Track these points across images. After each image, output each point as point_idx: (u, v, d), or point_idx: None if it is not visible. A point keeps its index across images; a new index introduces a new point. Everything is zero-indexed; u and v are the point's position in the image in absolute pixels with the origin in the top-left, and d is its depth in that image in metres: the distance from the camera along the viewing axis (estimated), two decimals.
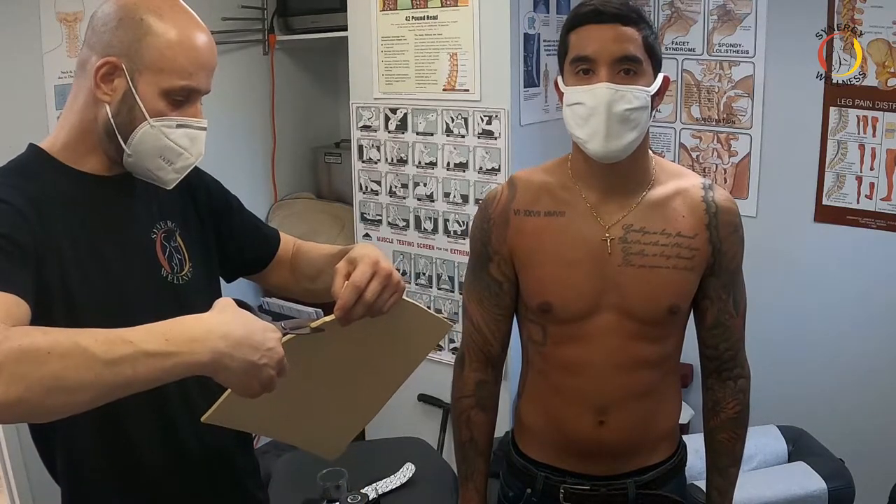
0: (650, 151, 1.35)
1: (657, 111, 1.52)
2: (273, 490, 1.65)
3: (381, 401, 1.26)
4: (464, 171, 2.50)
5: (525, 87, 2.43)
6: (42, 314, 0.93)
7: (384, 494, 1.83)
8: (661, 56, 1.28)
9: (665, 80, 1.27)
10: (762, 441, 2.20)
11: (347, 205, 3.02)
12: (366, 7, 2.58)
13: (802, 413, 2.42)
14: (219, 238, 1.28)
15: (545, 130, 2.50)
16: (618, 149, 1.23)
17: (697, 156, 2.68)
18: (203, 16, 1.11)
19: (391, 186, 2.68)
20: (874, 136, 2.36)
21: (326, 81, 3.35)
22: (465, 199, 2.52)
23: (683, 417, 1.96)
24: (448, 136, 2.51)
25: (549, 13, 2.49)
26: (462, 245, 2.52)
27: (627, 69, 1.21)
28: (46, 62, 2.32)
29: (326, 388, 1.15)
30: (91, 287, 1.04)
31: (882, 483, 2.13)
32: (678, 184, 1.34)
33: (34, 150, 1.09)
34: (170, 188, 1.12)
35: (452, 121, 2.48)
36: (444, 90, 2.47)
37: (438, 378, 2.05)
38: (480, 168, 2.46)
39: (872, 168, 2.38)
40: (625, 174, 1.30)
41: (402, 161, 2.63)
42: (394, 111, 2.61)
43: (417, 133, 2.57)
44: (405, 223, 2.68)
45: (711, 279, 1.33)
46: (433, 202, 2.60)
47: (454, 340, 2.55)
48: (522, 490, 1.41)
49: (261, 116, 3.13)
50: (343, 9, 2.69)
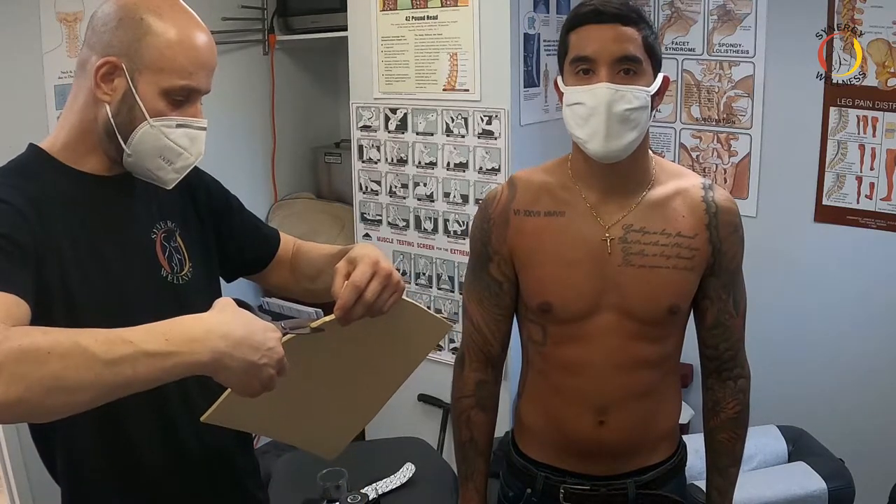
0: (650, 151, 1.35)
1: (657, 111, 1.52)
2: (273, 490, 1.65)
3: (381, 401, 1.26)
4: (464, 171, 2.50)
5: (525, 87, 2.43)
6: (42, 314, 0.93)
7: (384, 494, 1.82)
8: (661, 56, 1.28)
9: (665, 80, 1.27)
10: (762, 441, 2.20)
11: (347, 205, 3.02)
12: (366, 7, 2.58)
13: (802, 413, 2.42)
14: (219, 238, 1.28)
15: (545, 130, 2.50)
16: (618, 149, 1.23)
17: (697, 156, 2.68)
18: (203, 16, 1.11)
19: (391, 186, 2.68)
20: (874, 136, 2.36)
21: (326, 81, 3.35)
22: (465, 199, 2.52)
23: (683, 417, 1.96)
24: (448, 136, 2.51)
25: (549, 13, 2.49)
26: (462, 245, 2.52)
27: (627, 69, 1.21)
28: (46, 62, 2.32)
29: (326, 388, 1.15)
30: (91, 287, 1.04)
31: (882, 483, 2.13)
32: (678, 184, 1.34)
33: (34, 150, 1.09)
34: (169, 188, 1.12)
35: (452, 121, 2.48)
36: (444, 90, 2.47)
37: (438, 378, 2.05)
38: (480, 168, 2.46)
39: (872, 168, 2.38)
40: (625, 174, 1.30)
41: (402, 161, 2.63)
42: (394, 111, 2.61)
43: (417, 133, 2.57)
44: (405, 223, 2.68)
45: (711, 279, 1.33)
46: (433, 202, 2.60)
47: (454, 340, 2.55)
48: (522, 490, 1.41)
49: (261, 116, 3.13)
50: (343, 9, 2.69)
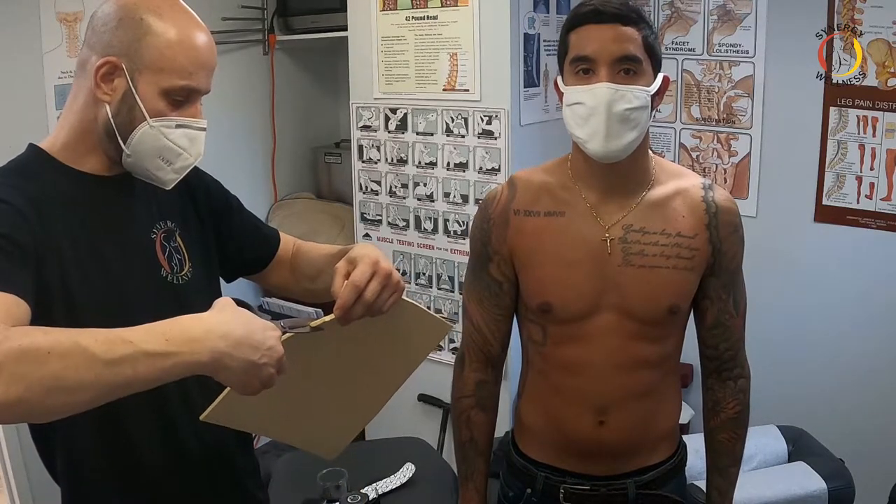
0: (650, 151, 1.34)
1: (657, 111, 1.52)
2: (273, 490, 1.65)
3: (381, 401, 1.26)
4: (464, 171, 2.50)
5: (525, 87, 2.43)
6: (42, 314, 0.93)
7: (384, 494, 1.82)
8: (661, 56, 1.28)
9: (665, 80, 1.27)
10: (762, 441, 2.20)
11: (347, 205, 3.02)
12: (366, 7, 2.58)
13: (802, 413, 2.42)
14: (218, 238, 1.28)
15: (545, 130, 2.50)
16: (618, 149, 1.23)
17: (697, 156, 2.68)
18: (203, 16, 1.11)
19: (391, 186, 2.68)
20: (874, 136, 2.36)
21: (326, 81, 3.35)
22: (465, 199, 2.52)
23: (683, 417, 1.95)
24: (448, 136, 2.51)
25: (549, 13, 2.49)
26: (462, 245, 2.52)
27: (627, 69, 1.21)
28: (46, 62, 2.32)
29: (326, 388, 1.15)
30: (91, 287, 1.04)
31: (882, 483, 2.13)
32: (678, 184, 1.33)
33: (34, 150, 1.09)
34: (169, 188, 1.12)
35: (452, 121, 2.48)
36: (444, 90, 2.47)
37: (438, 378, 2.05)
38: (480, 168, 2.46)
39: (872, 168, 2.37)
40: (625, 174, 1.30)
41: (402, 161, 2.63)
42: (394, 111, 2.61)
43: (417, 133, 2.57)
44: (405, 223, 2.68)
45: (711, 279, 1.33)
46: (433, 202, 2.60)
47: (454, 340, 2.55)
48: (522, 490, 1.41)
49: (261, 116, 3.13)
50: (343, 9, 2.69)
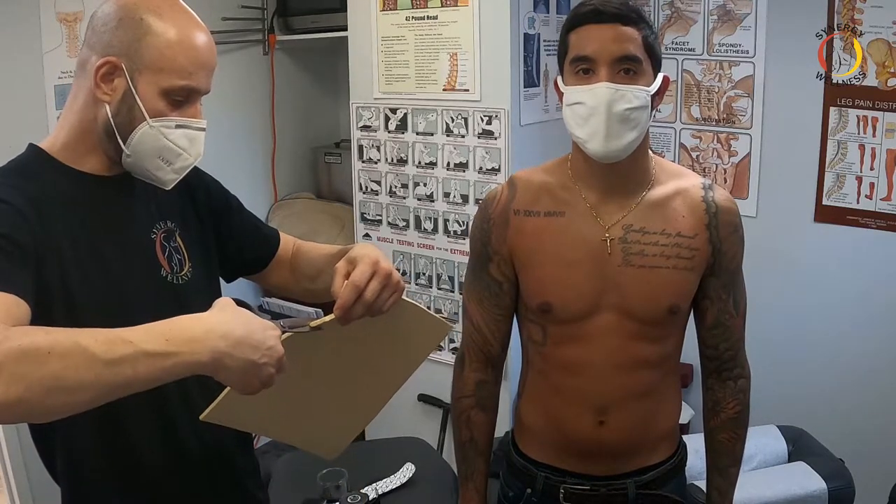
0: (650, 151, 1.35)
1: (657, 111, 1.52)
2: (273, 490, 1.65)
3: (381, 401, 1.26)
4: (464, 171, 2.50)
5: (525, 87, 2.43)
6: (42, 314, 0.92)
7: (384, 494, 1.82)
8: (661, 56, 1.28)
9: (665, 80, 1.27)
10: (762, 441, 2.20)
11: (347, 205, 3.02)
12: (366, 7, 2.58)
13: (802, 413, 2.42)
14: (218, 238, 1.28)
15: (545, 130, 2.50)
16: (618, 148, 1.23)
17: (697, 156, 2.68)
18: (203, 16, 1.11)
19: (391, 186, 2.68)
20: (874, 136, 2.36)
21: (326, 81, 3.35)
22: (465, 199, 2.52)
23: (683, 417, 1.95)
24: (448, 136, 2.51)
25: (549, 13, 2.49)
26: (462, 245, 2.52)
27: (627, 69, 1.21)
28: (46, 62, 2.32)
29: (326, 388, 1.15)
30: (91, 287, 1.04)
31: (882, 483, 2.13)
32: (678, 184, 1.33)
33: (34, 150, 1.09)
34: (168, 188, 1.12)
35: (452, 121, 2.48)
36: (444, 90, 2.47)
37: (438, 378, 2.05)
38: (480, 168, 2.46)
39: (872, 168, 2.37)
40: (625, 174, 1.30)
41: (402, 161, 2.63)
42: (394, 111, 2.61)
43: (417, 133, 2.57)
44: (405, 223, 2.68)
45: (711, 279, 1.33)
46: (433, 202, 2.60)
47: (454, 340, 2.55)
48: (522, 490, 1.41)
49: (261, 116, 3.13)
50: (343, 9, 2.69)
